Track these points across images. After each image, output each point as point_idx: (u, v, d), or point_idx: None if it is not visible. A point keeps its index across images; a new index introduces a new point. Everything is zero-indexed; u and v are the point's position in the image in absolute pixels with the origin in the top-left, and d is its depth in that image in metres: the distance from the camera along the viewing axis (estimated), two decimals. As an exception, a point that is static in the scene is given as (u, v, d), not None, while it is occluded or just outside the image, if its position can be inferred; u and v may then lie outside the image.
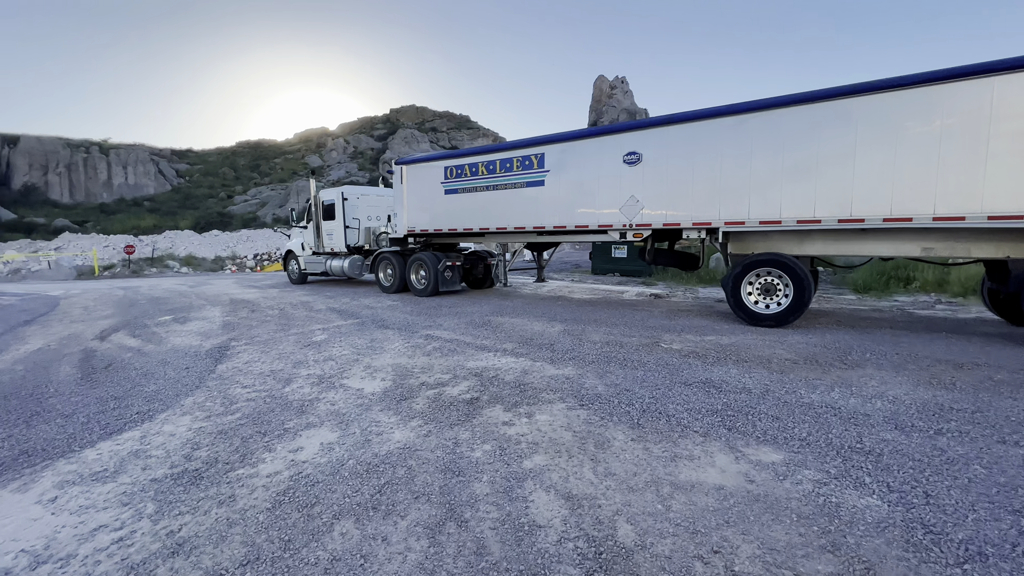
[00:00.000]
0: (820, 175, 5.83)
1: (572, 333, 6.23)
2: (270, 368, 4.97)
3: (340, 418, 3.57)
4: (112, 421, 3.68)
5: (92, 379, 4.84)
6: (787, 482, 2.47)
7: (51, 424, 3.67)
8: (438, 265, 9.84)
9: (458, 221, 9.60)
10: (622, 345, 5.51)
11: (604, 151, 7.62)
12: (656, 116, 7.12)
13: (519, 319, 7.32)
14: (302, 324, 7.40)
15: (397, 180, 10.55)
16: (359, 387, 4.28)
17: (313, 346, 5.89)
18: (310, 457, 2.95)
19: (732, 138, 6.41)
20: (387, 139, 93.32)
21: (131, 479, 2.78)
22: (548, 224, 8.38)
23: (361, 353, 5.47)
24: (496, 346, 5.62)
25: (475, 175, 9.21)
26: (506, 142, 8.82)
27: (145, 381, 4.69)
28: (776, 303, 6.37)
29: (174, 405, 3.99)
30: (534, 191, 8.46)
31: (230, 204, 74.17)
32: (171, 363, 5.32)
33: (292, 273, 14.45)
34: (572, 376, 4.38)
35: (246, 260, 27.34)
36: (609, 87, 78.06)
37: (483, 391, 4.05)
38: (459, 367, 4.79)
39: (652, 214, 7.23)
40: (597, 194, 7.75)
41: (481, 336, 6.17)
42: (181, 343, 6.34)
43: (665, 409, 3.50)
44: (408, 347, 5.68)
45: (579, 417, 3.42)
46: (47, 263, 27.09)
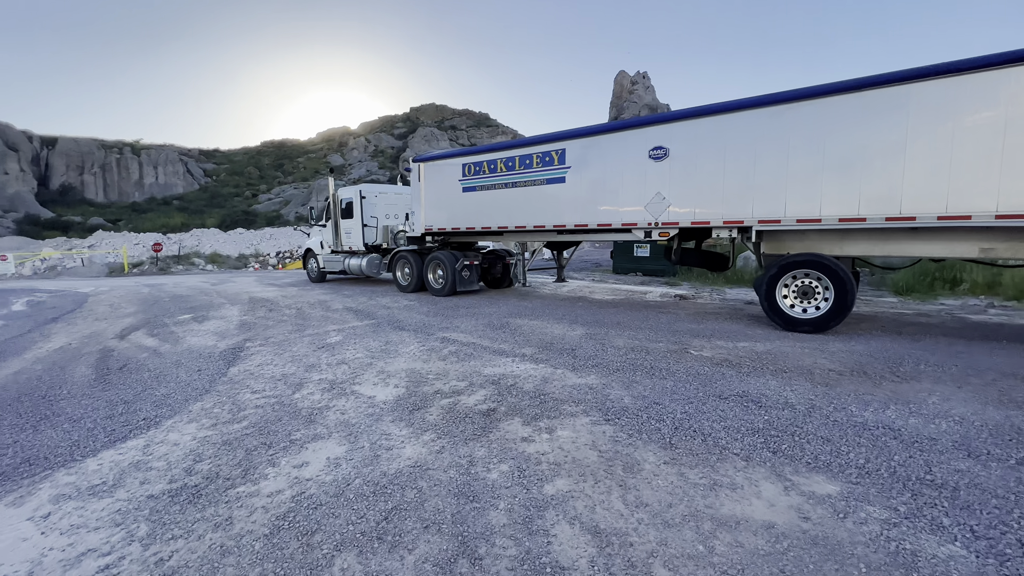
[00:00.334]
0: (866, 169, 5.38)
1: (594, 337, 5.94)
2: (281, 372, 4.83)
3: (349, 429, 3.37)
4: (118, 428, 3.56)
5: (105, 381, 4.77)
6: (849, 521, 2.15)
7: (57, 429, 3.57)
8: (455, 264, 9.64)
9: (476, 219, 9.37)
10: (648, 351, 5.19)
11: (628, 146, 7.28)
12: (684, 108, 6.75)
13: (538, 321, 7.06)
14: (318, 324, 7.28)
15: (415, 178, 10.38)
16: (371, 394, 4.08)
17: (327, 348, 5.74)
18: (315, 474, 2.75)
19: (768, 130, 5.99)
20: (407, 137, 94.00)
21: (128, 495, 2.63)
22: (569, 222, 8.08)
23: (375, 356, 5.29)
24: (514, 351, 5.37)
25: (494, 172, 8.96)
26: (526, 138, 8.55)
27: (156, 384, 4.59)
28: (815, 307, 5.94)
29: (182, 411, 3.86)
30: (554, 188, 8.17)
31: (255, 203, 75.78)
32: (184, 365, 5.24)
33: (311, 271, 14.48)
34: (596, 386, 4.09)
35: (268, 258, 27.74)
36: (630, 82, 76.84)
37: (500, 401, 3.80)
38: (476, 374, 4.56)
39: (679, 212, 6.86)
40: (621, 191, 7.41)
41: (499, 339, 5.93)
42: (197, 343, 6.27)
43: (700, 426, 3.19)
44: (423, 351, 5.48)
45: (605, 434, 3.14)
46: (81, 260, 27.99)
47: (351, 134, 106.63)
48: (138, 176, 79.40)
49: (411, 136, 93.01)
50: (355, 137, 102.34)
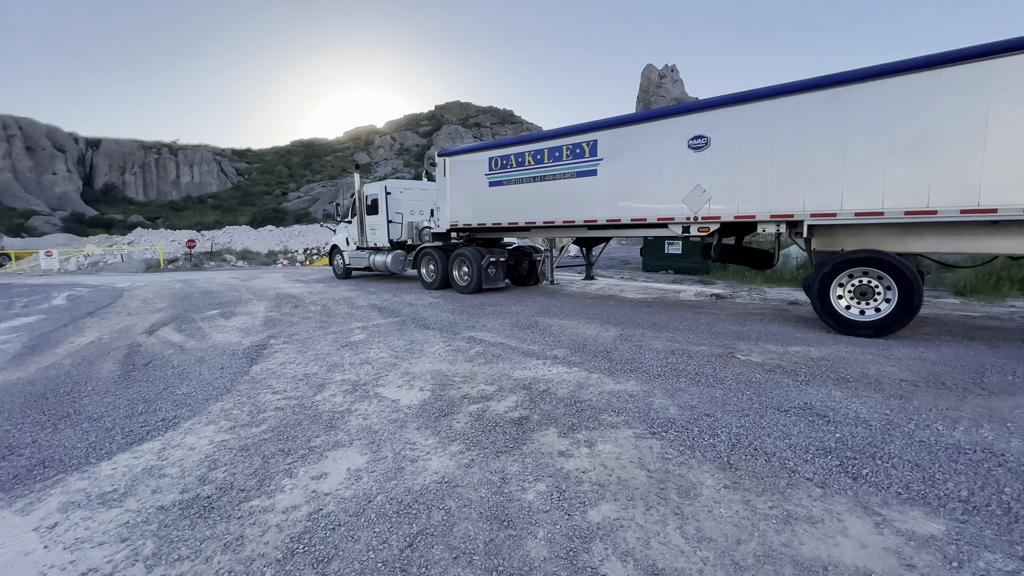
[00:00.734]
0: (937, 156, 4.85)
1: (630, 339, 5.58)
2: (303, 371, 4.66)
3: (371, 436, 3.13)
4: (136, 428, 3.43)
5: (130, 377, 4.70)
6: (966, 573, 1.77)
7: (76, 429, 3.47)
8: (481, 261, 9.38)
9: (503, 215, 9.09)
10: (690, 355, 4.80)
11: (666, 136, 6.85)
12: (728, 94, 6.29)
13: (568, 321, 6.73)
14: (342, 322, 7.15)
15: (440, 172, 10.17)
16: (395, 398, 3.85)
17: (350, 347, 5.56)
18: (334, 488, 2.52)
19: (823, 115, 5.49)
20: (432, 135, 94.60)
21: (138, 505, 2.45)
22: (600, 217, 7.71)
23: (399, 356, 5.07)
24: (545, 352, 5.06)
25: (521, 166, 8.65)
26: (555, 129, 8.22)
27: (179, 382, 4.48)
28: (873, 308, 5.43)
29: (201, 411, 3.71)
30: (585, 182, 7.81)
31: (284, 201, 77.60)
32: (207, 362, 5.14)
33: (337, 268, 14.50)
34: (636, 393, 3.75)
35: (296, 254, 28.19)
36: (658, 76, 75.15)
37: (533, 408, 3.51)
38: (505, 377, 4.27)
39: (721, 205, 6.41)
40: (657, 184, 6.99)
41: (528, 340, 5.64)
42: (222, 340, 6.20)
43: (761, 444, 2.82)
44: (449, 351, 5.23)
45: (652, 450, 2.81)
46: (121, 256, 29.06)
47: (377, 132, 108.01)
48: (175, 175, 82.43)
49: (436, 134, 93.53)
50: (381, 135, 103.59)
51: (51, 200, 64.69)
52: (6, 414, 3.84)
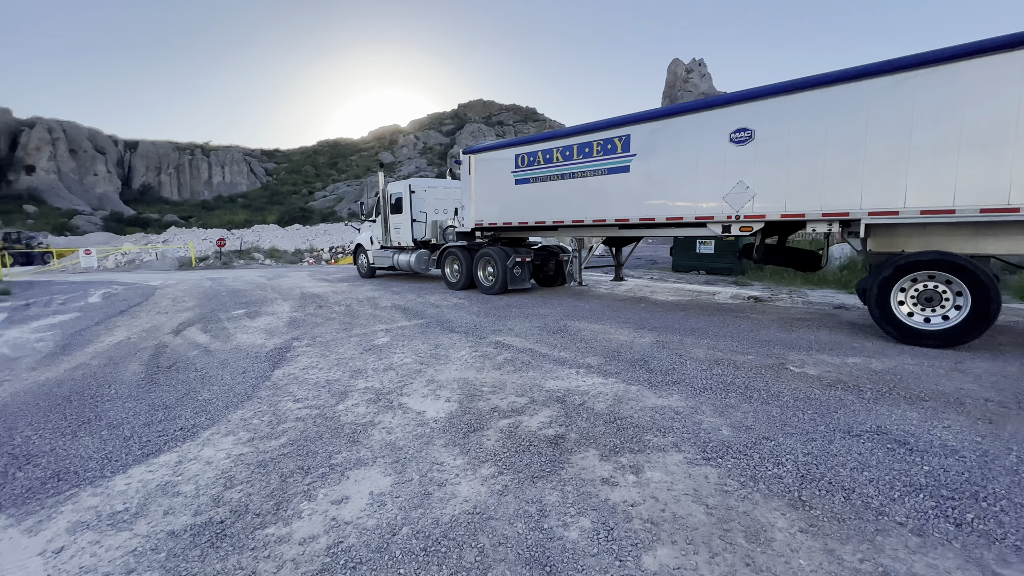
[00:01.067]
0: (1022, 146, 4.33)
1: (667, 346, 5.22)
2: (326, 377, 4.49)
3: (396, 454, 2.91)
4: (154, 438, 3.29)
5: (153, 381, 4.62)
6: None
7: (95, 437, 3.36)
8: (507, 261, 9.13)
9: (530, 213, 8.80)
10: (736, 365, 4.43)
11: (705, 129, 6.44)
12: (774, 83, 5.84)
13: (600, 325, 6.40)
14: (366, 324, 7.00)
15: (465, 170, 9.95)
16: (420, 409, 3.62)
17: (374, 351, 5.38)
18: (355, 516, 2.29)
19: (884, 104, 5.02)
20: (455, 134, 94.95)
21: (148, 528, 2.28)
22: (633, 216, 7.34)
23: (424, 362, 4.86)
24: (578, 360, 4.77)
25: (549, 162, 8.35)
26: (585, 124, 7.88)
27: (200, 386, 4.37)
28: (941, 316, 4.93)
29: (221, 420, 3.56)
30: (617, 179, 7.45)
31: (311, 200, 79.13)
32: (230, 365, 5.03)
33: (361, 267, 14.48)
34: (682, 409, 3.42)
35: (322, 253, 28.53)
36: (685, 71, 73.43)
37: (569, 425, 3.22)
38: (536, 387, 4.00)
39: (766, 203, 5.97)
40: (695, 180, 6.59)
41: (558, 346, 5.35)
42: (246, 341, 6.12)
43: (836, 477, 2.47)
44: (476, 357, 4.99)
45: (708, 479, 2.49)
46: (155, 255, 29.98)
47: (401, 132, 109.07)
48: (207, 176, 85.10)
49: (459, 132, 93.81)
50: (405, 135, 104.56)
51: (92, 200, 67.61)
52: (30, 418, 3.78)
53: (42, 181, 64.80)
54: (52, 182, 65.69)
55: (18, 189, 62.29)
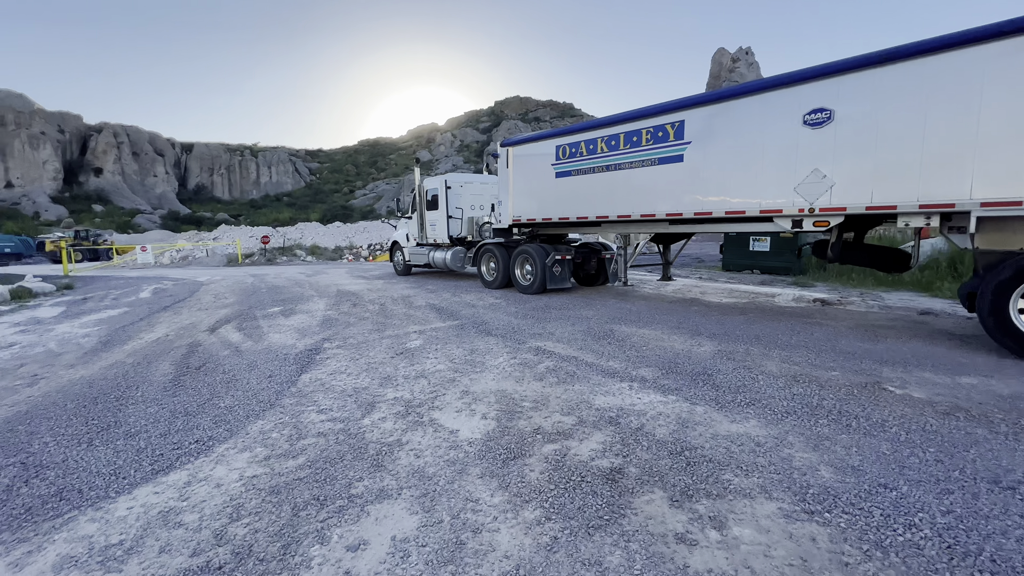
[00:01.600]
0: None
1: (732, 357, 4.60)
2: (354, 384, 4.16)
3: (424, 484, 2.50)
4: (168, 451, 3.03)
5: (179, 383, 4.44)
6: None
7: (109, 447, 3.13)
8: (546, 259, 8.63)
9: (571, 208, 8.27)
10: (820, 383, 3.78)
11: (772, 111, 5.72)
12: (860, 55, 5.05)
13: (650, 330, 5.82)
14: (399, 324, 6.69)
15: (502, 164, 9.51)
16: (453, 427, 3.21)
17: (406, 355, 5.04)
18: (372, 569, 1.89)
19: (1001, 71, 4.19)
20: (491, 131, 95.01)
21: (139, 570, 1.96)
22: (686, 210, 6.68)
23: (459, 370, 4.45)
24: (629, 371, 4.23)
25: (593, 153, 7.78)
26: (633, 111, 7.26)
27: (224, 391, 4.14)
28: (1076, 328, 4.07)
29: (239, 432, 3.27)
30: (669, 169, 6.80)
31: (351, 198, 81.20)
32: (258, 367, 4.80)
33: (397, 264, 14.36)
34: (764, 440, 2.84)
35: (361, 250, 28.95)
36: (731, 60, 70.22)
37: (627, 455, 2.72)
38: (584, 404, 3.51)
39: (847, 194, 5.20)
40: (760, 170, 5.87)
41: (606, 354, 4.82)
42: (277, 341, 5.93)
43: (1001, 553, 1.85)
44: (515, 365, 4.54)
45: (817, 544, 1.93)
46: (206, 251, 31.34)
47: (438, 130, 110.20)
48: (255, 176, 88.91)
49: (495, 129, 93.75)
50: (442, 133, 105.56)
51: (152, 200, 71.96)
52: (54, 422, 3.63)
53: (108, 182, 69.54)
54: (117, 183, 70.36)
55: (88, 190, 67.12)
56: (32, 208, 58.95)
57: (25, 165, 62.84)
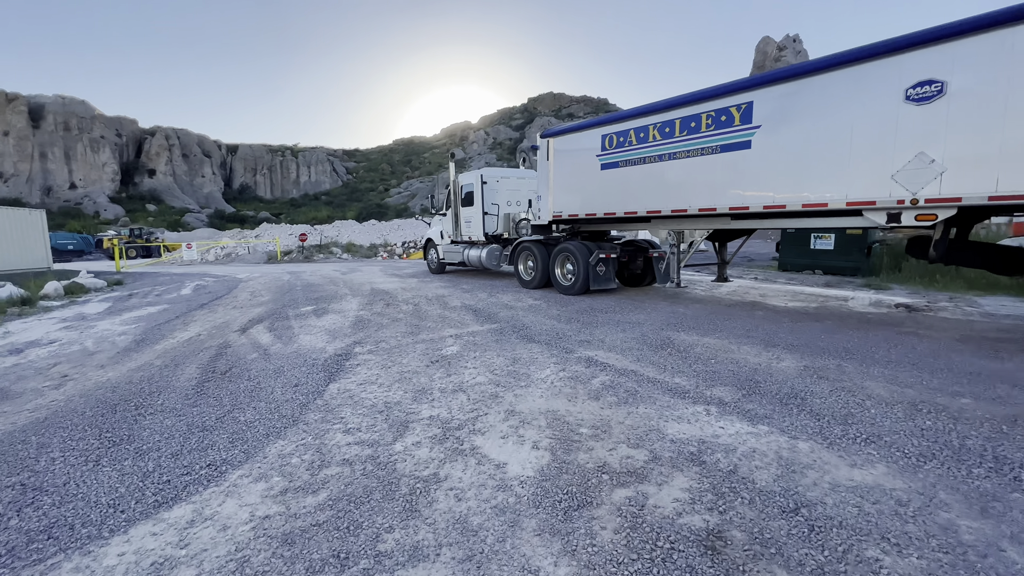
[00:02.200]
0: None
1: (822, 374, 3.89)
2: (385, 398, 3.71)
3: (468, 541, 1.99)
4: (175, 477, 2.66)
5: (202, 390, 4.13)
6: None
7: (116, 468, 2.79)
8: (589, 258, 8.02)
9: (618, 203, 7.62)
10: (952, 415, 3.04)
11: (865, 86, 4.91)
12: (983, 14, 4.21)
13: (715, 339, 5.14)
14: (433, 327, 6.26)
15: (542, 155, 8.94)
16: (499, 458, 2.69)
17: (442, 363, 4.57)
18: None
19: None
20: (524, 128, 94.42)
21: (112, 655, 1.53)
22: (753, 203, 5.93)
23: (501, 383, 3.94)
24: (702, 391, 3.60)
25: (644, 142, 7.10)
26: (690, 93, 6.54)
27: (247, 402, 3.78)
28: None
29: (256, 455, 2.87)
30: (732, 158, 6.07)
31: (387, 196, 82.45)
32: (284, 374, 4.45)
33: (431, 262, 14.04)
34: (905, 496, 2.18)
35: (395, 248, 29.03)
36: (777, 49, 66.80)
37: (724, 511, 2.12)
38: (654, 432, 2.92)
39: (962, 182, 4.37)
40: (846, 155, 5.08)
41: (670, 367, 4.20)
42: (307, 344, 5.60)
43: None
44: (565, 379, 3.99)
45: None
46: (247, 249, 32.24)
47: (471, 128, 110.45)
48: (295, 175, 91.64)
49: (528, 126, 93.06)
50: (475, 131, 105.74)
51: (200, 199, 75.29)
52: (68, 433, 3.35)
53: (160, 183, 73.23)
54: (169, 184, 73.99)
55: (142, 190, 70.85)
56: (93, 208, 62.72)
57: (87, 167, 66.94)
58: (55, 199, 63.15)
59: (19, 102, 64.00)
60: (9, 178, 61.28)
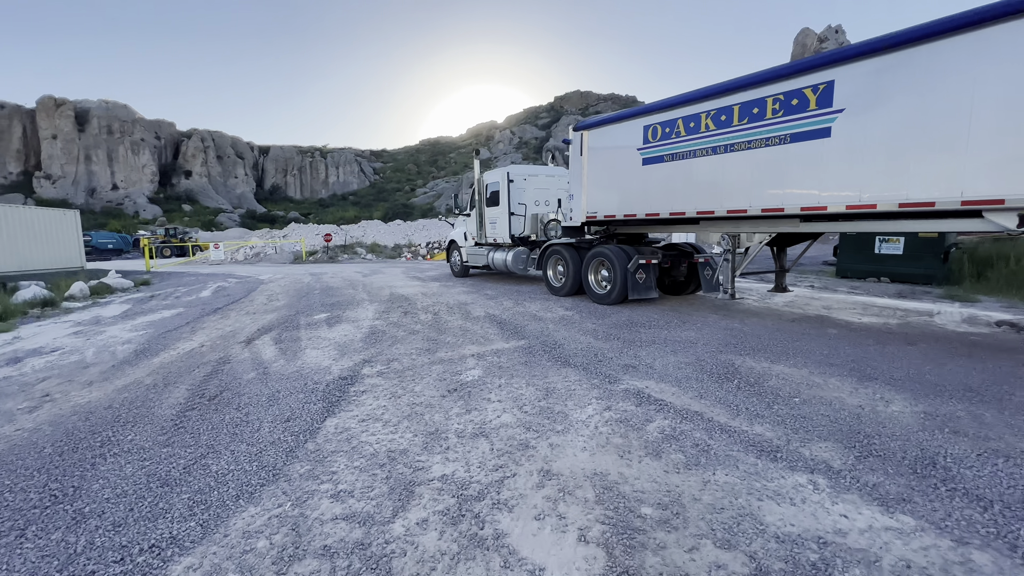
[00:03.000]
0: None
1: (952, 426, 2.97)
2: (389, 444, 3.01)
3: None
4: (102, 569, 2.00)
5: (181, 423, 3.52)
6: None
7: (34, 546, 2.16)
8: (628, 264, 7.17)
9: (663, 202, 6.74)
10: None
11: (992, 54, 3.92)
12: None
13: (790, 367, 4.23)
14: (453, 343, 5.55)
15: (575, 150, 8.13)
16: (533, 559, 1.93)
17: (460, 393, 3.85)
18: None
19: None
20: (551, 127, 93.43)
21: None
22: (833, 203, 4.98)
23: (532, 425, 3.18)
24: (795, 447, 2.75)
25: (695, 132, 6.21)
26: (753, 74, 5.61)
27: (226, 442, 3.14)
28: None
29: (214, 532, 2.20)
30: (806, 148, 5.13)
31: (412, 196, 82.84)
32: (279, 402, 3.81)
33: (454, 265, 13.40)
34: None
35: (419, 248, 28.65)
36: (817, 41, 63.69)
37: None
38: (747, 520, 2.11)
39: None
40: (965, 143, 4.09)
41: (742, 408, 3.35)
42: (312, 361, 4.98)
43: None
44: (611, 422, 3.19)
45: None
46: (275, 249, 32.50)
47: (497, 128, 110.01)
48: (324, 176, 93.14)
49: (554, 125, 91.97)
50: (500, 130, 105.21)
51: (233, 200, 77.29)
52: (12, 479, 2.78)
53: (196, 184, 75.50)
54: (203, 184, 76.24)
55: (178, 191, 73.20)
56: (133, 208, 65.11)
57: (127, 169, 69.58)
58: (98, 200, 65.89)
59: (66, 107, 67.04)
60: (56, 180, 64.23)
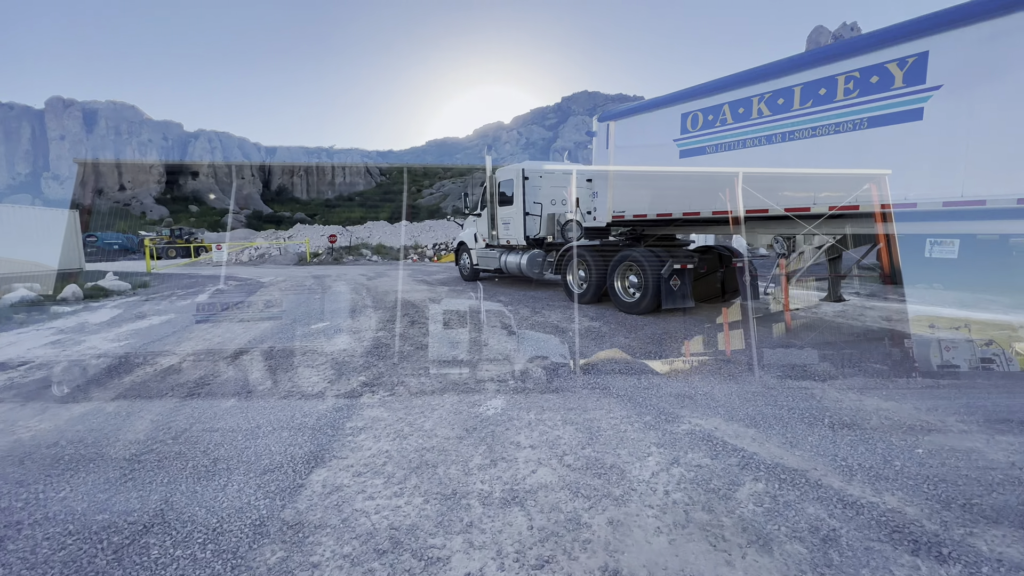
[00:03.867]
0: None
1: None
2: (390, 517, 2.24)
3: None
4: None
5: (130, 474, 2.79)
6: None
7: None
8: (661, 269, 6.38)
9: (703, 200, 5.94)
10: None
11: None
12: None
13: (884, 400, 3.43)
14: (468, 361, 4.79)
15: (600, 143, 7.36)
16: None
17: (481, 432, 3.08)
18: None
19: None
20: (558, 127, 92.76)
21: None
22: (925, 199, 4.20)
23: (579, 487, 2.41)
24: (956, 535, 1.96)
25: (744, 120, 5.41)
26: (817, 50, 4.82)
27: (178, 509, 2.39)
28: None
29: None
30: (889, 134, 4.33)
31: (419, 197, 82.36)
32: (257, 442, 3.07)
33: (463, 268, 12.65)
34: None
35: (426, 250, 27.97)
36: (832, 39, 62.46)
37: None
38: None
39: None
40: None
41: (856, 465, 2.55)
42: (303, 384, 4.24)
43: None
44: (684, 483, 2.41)
45: None
46: (279, 250, 31.96)
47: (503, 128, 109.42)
48: (330, 177, 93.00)
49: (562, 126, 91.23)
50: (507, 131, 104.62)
51: (239, 200, 77.27)
52: None
53: (202, 184, 75.57)
54: (210, 185, 76.28)
55: (185, 192, 73.31)
56: (140, 208, 65.16)
57: (135, 170, 69.72)
58: (106, 200, 66.00)
59: (75, 108, 67.25)
60: (65, 180, 64.37)
